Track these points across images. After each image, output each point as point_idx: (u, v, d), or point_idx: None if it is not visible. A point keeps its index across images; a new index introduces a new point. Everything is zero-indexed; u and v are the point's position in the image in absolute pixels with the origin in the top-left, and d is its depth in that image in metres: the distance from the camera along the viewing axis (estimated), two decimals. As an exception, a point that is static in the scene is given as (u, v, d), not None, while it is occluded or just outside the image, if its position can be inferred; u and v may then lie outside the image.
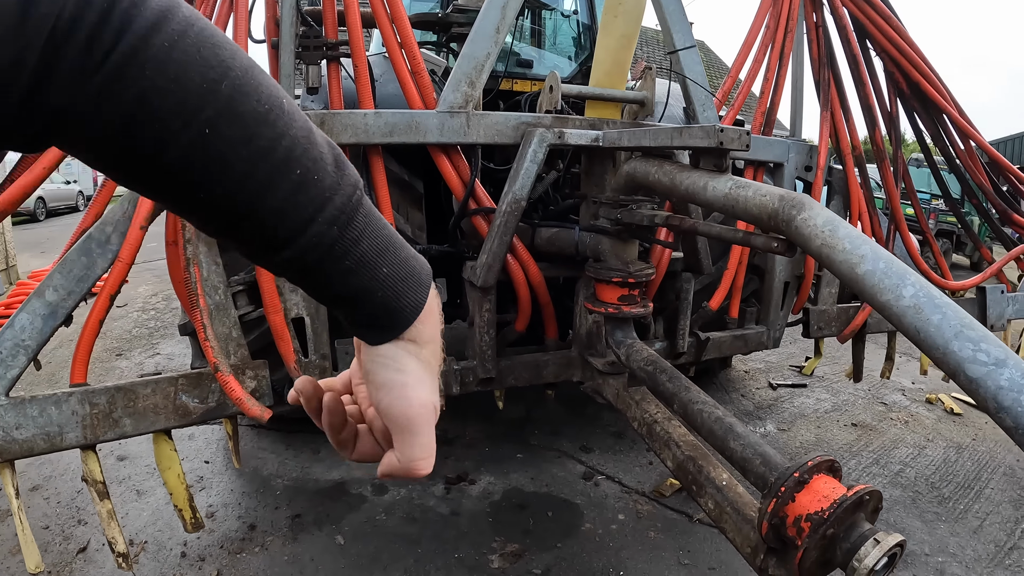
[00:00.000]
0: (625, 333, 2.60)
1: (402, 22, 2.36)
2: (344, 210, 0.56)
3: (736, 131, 1.90)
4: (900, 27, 3.21)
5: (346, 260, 0.57)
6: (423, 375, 0.64)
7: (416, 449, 0.63)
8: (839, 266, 1.52)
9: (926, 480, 3.51)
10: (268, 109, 0.51)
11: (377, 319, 0.62)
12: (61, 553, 2.66)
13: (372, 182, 2.49)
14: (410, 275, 0.62)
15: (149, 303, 7.03)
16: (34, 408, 1.92)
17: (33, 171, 1.92)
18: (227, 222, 0.54)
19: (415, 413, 0.62)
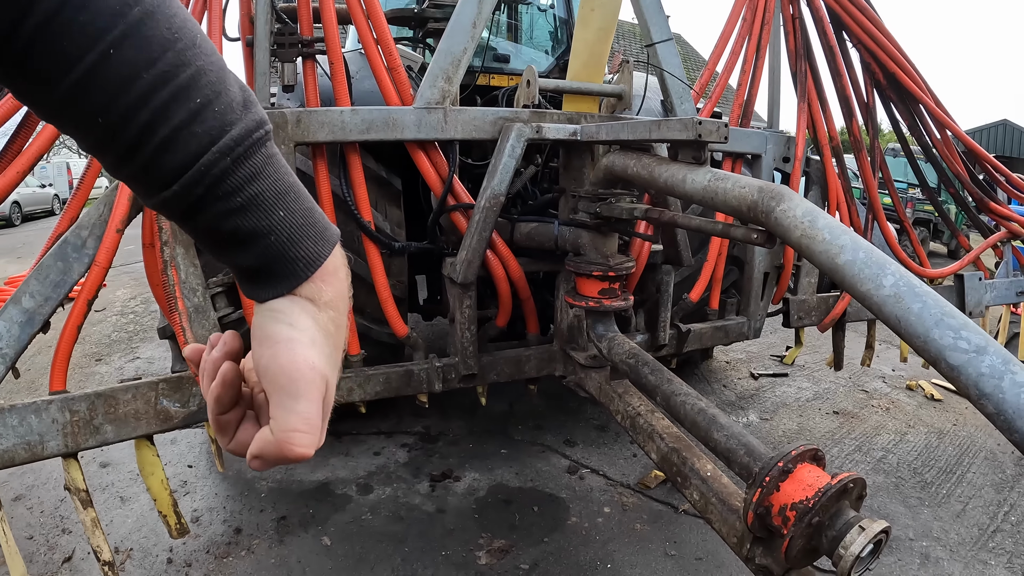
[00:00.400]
0: (606, 327, 2.60)
1: (378, 18, 2.34)
2: (240, 142, 0.54)
3: (715, 123, 1.91)
4: (876, 18, 3.24)
5: (237, 197, 0.54)
6: (317, 336, 0.58)
7: (293, 417, 0.55)
8: (819, 256, 1.54)
9: (908, 466, 3.56)
10: (177, 38, 0.51)
11: (267, 266, 0.57)
12: (46, 563, 2.62)
13: (350, 180, 2.48)
14: (310, 224, 0.58)
15: (128, 306, 6.94)
16: (13, 417, 1.89)
17: (6, 175, 1.88)
18: (123, 150, 0.52)
19: (297, 370, 0.55)
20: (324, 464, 3.47)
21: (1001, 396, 1.17)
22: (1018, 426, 1.14)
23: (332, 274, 0.60)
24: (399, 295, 2.85)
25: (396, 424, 3.97)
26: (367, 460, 3.52)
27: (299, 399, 0.55)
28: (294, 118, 2.26)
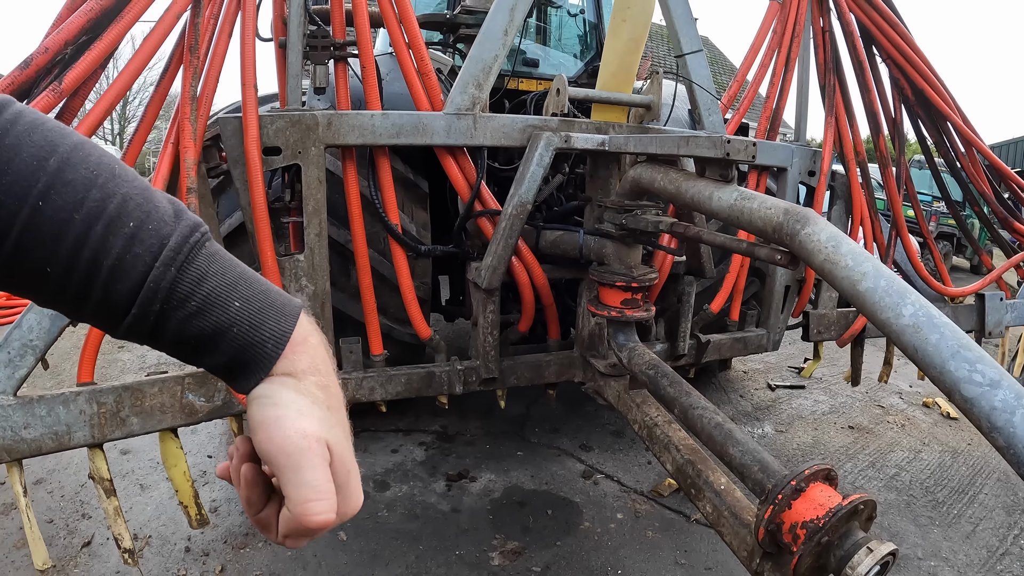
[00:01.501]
0: (627, 336, 2.62)
1: (410, 22, 2.37)
2: (180, 250, 0.56)
3: (743, 142, 1.92)
4: (906, 33, 3.22)
5: (191, 301, 0.56)
6: (304, 406, 0.58)
7: (302, 490, 0.55)
8: (840, 282, 1.55)
9: (921, 484, 3.54)
10: (97, 174, 0.54)
11: (239, 359, 0.58)
12: (66, 547, 2.68)
13: (379, 182, 2.51)
14: (269, 306, 0.60)
15: (151, 295, 7.02)
16: (42, 408, 1.94)
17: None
18: (78, 290, 0.55)
19: (292, 444, 0.56)
20: (342, 459, 3.50)
21: (1012, 431, 1.20)
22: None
23: (302, 344, 0.61)
24: (423, 297, 2.88)
25: (414, 422, 4.01)
26: (384, 457, 3.56)
27: (301, 471, 0.55)
28: (325, 120, 2.30)
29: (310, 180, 2.34)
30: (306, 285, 2.43)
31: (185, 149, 2.08)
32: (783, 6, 3.07)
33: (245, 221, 2.33)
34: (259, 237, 2.29)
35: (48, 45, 1.82)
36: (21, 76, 1.81)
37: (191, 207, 2.09)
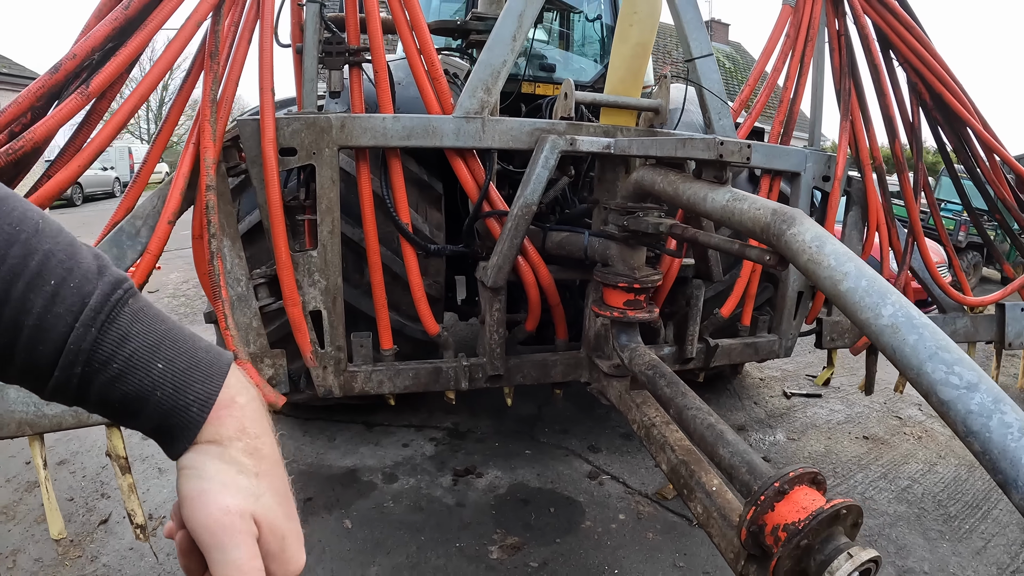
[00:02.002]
0: (630, 337, 2.65)
1: (421, 29, 2.44)
2: (101, 309, 0.55)
3: (737, 144, 1.95)
4: (923, 37, 3.19)
5: (113, 364, 0.55)
6: (228, 478, 0.56)
7: (227, 568, 0.54)
8: (823, 282, 1.57)
9: (933, 497, 3.49)
10: (20, 230, 0.53)
11: (165, 424, 0.57)
12: (84, 524, 2.82)
13: (390, 183, 2.59)
14: (193, 367, 0.58)
15: (180, 289, 7.27)
16: (63, 387, 2.05)
17: (69, 168, 2.05)
18: (2, 353, 0.53)
19: (215, 521, 0.54)
20: (354, 452, 3.61)
21: (988, 435, 1.18)
22: (1002, 467, 1.15)
23: (228, 406, 0.59)
24: (435, 295, 2.95)
25: (426, 419, 4.09)
26: (395, 451, 3.65)
27: (224, 550, 0.54)
28: (339, 123, 2.39)
29: (324, 180, 2.43)
30: (319, 280, 2.52)
31: (205, 149, 2.19)
32: (796, 9, 3.07)
33: (262, 218, 2.43)
34: (274, 233, 2.38)
35: (76, 51, 1.94)
36: (51, 80, 1.93)
37: (210, 205, 2.20)
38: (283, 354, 2.54)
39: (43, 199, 2.02)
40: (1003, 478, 1.15)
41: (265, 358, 2.50)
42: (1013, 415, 1.18)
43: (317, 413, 3.99)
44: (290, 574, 0.60)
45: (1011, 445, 1.15)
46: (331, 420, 3.98)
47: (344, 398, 2.68)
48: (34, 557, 2.66)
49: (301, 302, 2.47)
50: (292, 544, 0.60)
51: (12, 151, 1.85)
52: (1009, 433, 1.16)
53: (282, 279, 2.41)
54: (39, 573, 2.58)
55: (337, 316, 2.56)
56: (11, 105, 1.91)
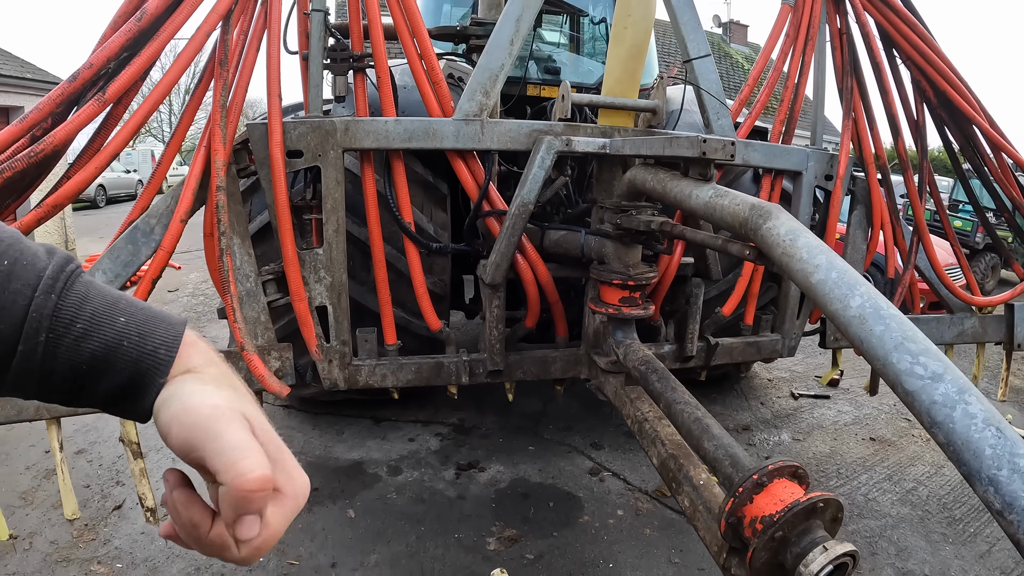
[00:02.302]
0: (625, 333, 2.71)
1: (421, 35, 2.53)
2: (58, 277, 0.57)
3: (720, 141, 2.00)
4: (926, 35, 3.18)
5: (76, 324, 0.56)
6: (208, 388, 0.58)
7: (227, 452, 0.52)
8: (796, 275, 1.60)
9: (939, 500, 3.48)
10: None
11: (136, 372, 0.58)
12: (98, 509, 2.95)
13: (393, 184, 2.68)
14: (153, 317, 0.60)
15: (199, 289, 7.45)
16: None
17: (87, 169, 2.17)
18: None
19: (204, 416, 0.54)
20: (361, 445, 3.71)
21: (951, 426, 1.17)
22: (965, 458, 1.14)
23: (193, 343, 0.61)
24: (440, 292, 3.03)
25: (433, 414, 4.18)
26: (401, 445, 3.74)
27: (220, 436, 0.53)
28: (343, 126, 2.48)
29: (329, 181, 2.53)
30: (324, 276, 2.61)
31: (215, 152, 2.30)
32: (795, 8, 3.09)
33: (270, 217, 2.54)
34: (281, 231, 2.49)
35: (93, 61, 2.06)
36: (69, 88, 2.05)
37: (219, 204, 2.31)
38: (290, 348, 2.63)
39: (63, 198, 2.14)
40: (967, 470, 1.14)
41: (272, 351, 2.60)
42: (978, 405, 1.18)
43: (326, 408, 4.10)
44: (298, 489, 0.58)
45: (974, 436, 1.14)
46: (340, 415, 4.08)
47: (352, 392, 2.77)
48: (50, 540, 2.80)
49: (307, 297, 2.57)
50: (290, 457, 0.59)
51: (34, 154, 1.97)
52: (973, 424, 1.15)
53: (289, 275, 2.52)
54: (54, 555, 2.71)
55: (342, 311, 2.66)
56: (32, 111, 2.03)
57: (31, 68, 9.05)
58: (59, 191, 2.15)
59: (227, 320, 2.85)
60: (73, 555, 2.72)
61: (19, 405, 2.10)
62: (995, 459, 1.09)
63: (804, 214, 3.20)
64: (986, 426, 1.13)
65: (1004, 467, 1.07)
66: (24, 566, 2.68)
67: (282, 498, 0.57)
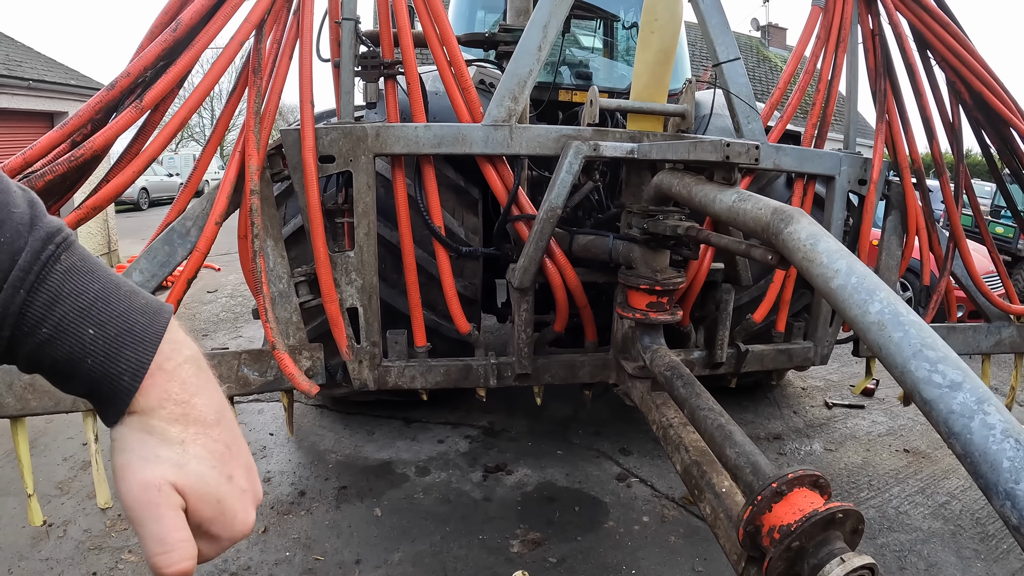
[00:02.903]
0: (652, 338, 2.70)
1: (450, 42, 2.57)
2: (31, 268, 0.52)
3: (744, 145, 2.00)
4: (960, 35, 3.11)
5: (43, 328, 0.52)
6: (147, 451, 0.55)
7: (147, 543, 0.53)
8: (816, 279, 1.58)
9: (972, 515, 3.38)
10: None
11: (97, 392, 0.55)
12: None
13: (424, 188, 2.72)
14: (125, 332, 0.55)
15: (237, 290, 7.62)
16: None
17: (125, 173, 2.26)
18: None
19: (132, 498, 0.53)
20: (391, 446, 3.76)
21: (969, 437, 1.13)
22: (982, 471, 1.10)
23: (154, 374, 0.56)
24: (470, 296, 3.07)
25: (463, 417, 4.22)
26: (430, 446, 3.78)
27: (143, 525, 0.53)
28: (374, 132, 2.54)
29: (360, 185, 2.58)
30: (355, 279, 2.67)
31: (249, 157, 2.36)
32: (826, 10, 3.05)
33: (303, 220, 2.60)
34: (313, 234, 2.55)
35: (130, 70, 2.14)
36: (108, 95, 2.14)
37: (253, 207, 2.37)
38: (321, 348, 2.69)
39: (102, 200, 2.22)
40: (984, 483, 1.11)
41: (304, 351, 2.66)
42: (996, 416, 1.14)
43: (358, 408, 4.16)
44: (236, 533, 0.60)
45: (992, 448, 1.10)
46: (371, 415, 4.15)
47: (383, 393, 2.81)
48: (83, 528, 2.91)
49: (339, 299, 2.63)
50: (232, 505, 0.59)
51: (74, 158, 2.05)
52: (991, 435, 1.12)
53: (321, 277, 2.57)
54: (86, 543, 2.83)
55: (373, 313, 2.71)
56: (73, 118, 2.12)
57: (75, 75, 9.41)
58: (98, 194, 2.23)
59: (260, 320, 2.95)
60: (105, 543, 2.82)
61: (56, 396, 2.19)
62: (1013, 472, 1.05)
63: (837, 219, 3.15)
64: (1004, 438, 1.10)
65: (1022, 481, 1.04)
66: (57, 552, 2.78)
67: (217, 540, 0.59)
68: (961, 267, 3.43)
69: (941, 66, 3.21)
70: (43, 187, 2.04)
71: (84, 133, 2.13)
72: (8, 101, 7.59)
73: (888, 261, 3.35)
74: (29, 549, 2.81)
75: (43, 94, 8.19)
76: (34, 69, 8.46)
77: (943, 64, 3.18)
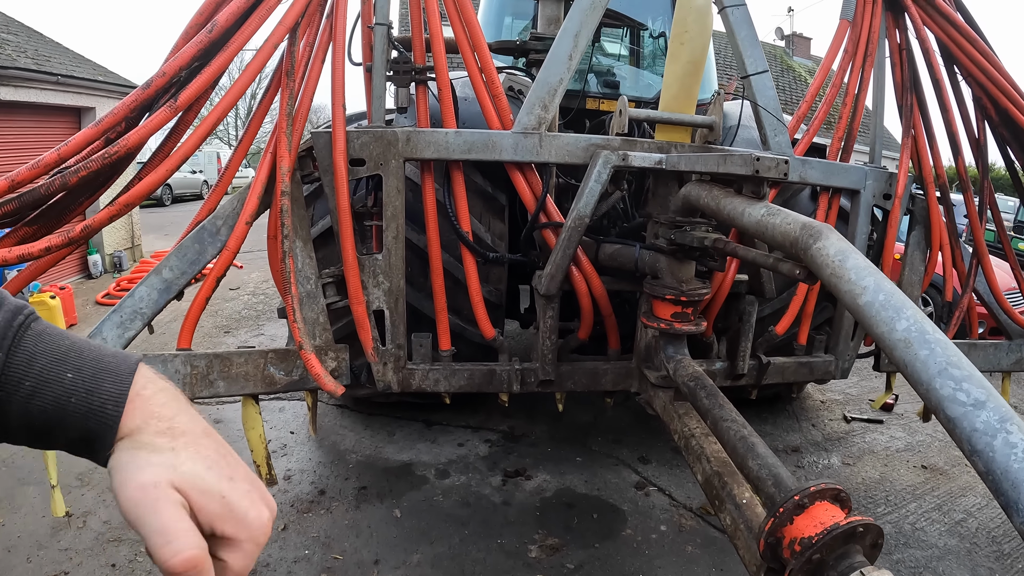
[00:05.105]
0: (676, 349, 2.71)
1: (482, 49, 2.60)
2: (5, 335, 0.56)
3: (773, 159, 2.00)
4: (987, 50, 3.09)
5: (26, 382, 0.56)
6: (140, 460, 0.57)
7: (150, 539, 0.53)
8: (843, 296, 1.59)
9: (988, 533, 3.35)
10: None
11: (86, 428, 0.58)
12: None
13: (452, 194, 2.74)
14: (101, 370, 0.59)
15: (260, 288, 7.71)
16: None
17: (158, 171, 2.30)
18: None
19: (132, 500, 0.54)
20: (411, 448, 3.79)
21: (991, 455, 1.15)
22: (1004, 488, 1.12)
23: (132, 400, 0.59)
24: (495, 301, 3.08)
25: (484, 420, 4.24)
26: (451, 449, 3.81)
27: (143, 524, 0.54)
28: (404, 136, 2.57)
29: (390, 189, 2.61)
30: (383, 281, 2.70)
31: (281, 158, 2.40)
32: (854, 24, 3.05)
33: (332, 223, 2.63)
34: (342, 236, 2.58)
35: (165, 70, 2.18)
36: (143, 95, 2.18)
37: (284, 208, 2.41)
38: (346, 349, 2.72)
39: (134, 197, 2.26)
40: (1005, 500, 1.12)
41: (329, 351, 2.69)
42: (1019, 435, 1.15)
43: (379, 409, 4.19)
44: (254, 532, 0.59)
45: (1014, 466, 1.12)
46: (392, 416, 4.18)
47: (404, 395, 2.83)
48: (103, 520, 2.97)
49: (365, 301, 2.65)
50: (240, 501, 0.59)
51: (108, 155, 2.10)
52: (1013, 454, 1.13)
53: (348, 279, 2.60)
54: (106, 534, 2.88)
55: (399, 316, 2.73)
56: (107, 115, 2.16)
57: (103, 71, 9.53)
58: (131, 191, 2.27)
59: (287, 319, 2.99)
60: (124, 536, 2.87)
61: None
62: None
63: (862, 233, 3.14)
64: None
65: (1043, 500, 1.03)
66: (77, 543, 2.83)
67: (237, 543, 0.58)
68: (983, 283, 3.41)
69: (967, 81, 3.19)
70: (77, 183, 2.08)
71: (118, 131, 2.17)
72: (37, 95, 7.71)
73: (911, 276, 3.34)
74: (48, 539, 2.86)
75: (72, 89, 8.30)
76: (63, 65, 8.55)
77: (969, 79, 3.16)
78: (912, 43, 3.17)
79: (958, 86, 3.21)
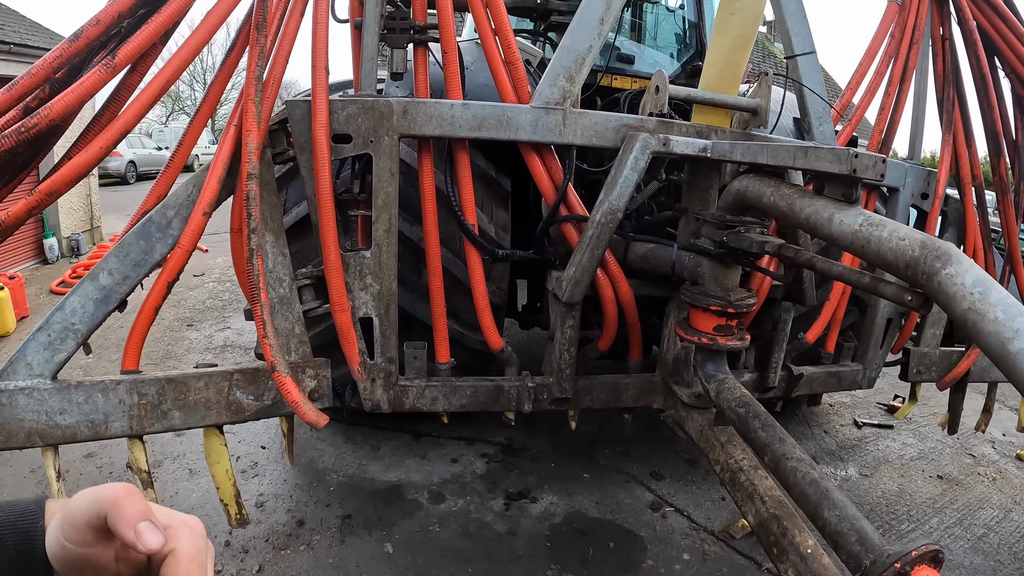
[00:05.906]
0: (717, 366, 2.36)
1: (497, 7, 2.17)
2: None
3: (872, 158, 1.66)
4: None
5: None
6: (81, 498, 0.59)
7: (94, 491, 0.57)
8: (987, 338, 1.31)
9: (1009, 548, 3.20)
10: None
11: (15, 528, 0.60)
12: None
13: (456, 178, 2.32)
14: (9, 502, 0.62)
15: (226, 274, 7.12)
16: (80, 394, 1.86)
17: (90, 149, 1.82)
18: None
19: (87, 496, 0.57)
20: (399, 465, 3.38)
21: None
22: None
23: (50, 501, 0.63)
24: (498, 303, 2.69)
25: (478, 431, 3.84)
26: (443, 466, 3.41)
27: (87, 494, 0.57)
28: (400, 108, 2.13)
29: (381, 172, 2.16)
30: (371, 284, 2.26)
31: (248, 132, 1.92)
32: (902, 8, 2.75)
33: (310, 212, 2.17)
34: (323, 230, 2.13)
35: (101, 17, 1.71)
36: (71, 49, 1.71)
37: (251, 195, 1.93)
38: (327, 364, 2.28)
39: (60, 184, 1.79)
40: None
41: (307, 368, 2.25)
42: None
43: (361, 419, 3.74)
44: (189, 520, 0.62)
45: None
46: (376, 427, 3.75)
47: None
48: None
49: (350, 308, 2.22)
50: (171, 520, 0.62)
51: (25, 129, 1.62)
52: None
53: (330, 282, 2.15)
54: None
55: (390, 325, 2.31)
56: (24, 77, 1.68)
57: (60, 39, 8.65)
58: (55, 175, 1.79)
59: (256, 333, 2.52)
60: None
61: (8, 430, 1.81)
62: None
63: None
64: None
65: None
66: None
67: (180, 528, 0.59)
68: (1015, 291, 3.18)
69: (1009, 77, 2.94)
70: (-18, 164, 1.60)
71: (40, 97, 1.69)
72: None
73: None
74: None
75: (25, 60, 7.47)
76: (16, 33, 7.85)
77: (1012, 75, 2.92)
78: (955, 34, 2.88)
79: (998, 81, 2.94)
